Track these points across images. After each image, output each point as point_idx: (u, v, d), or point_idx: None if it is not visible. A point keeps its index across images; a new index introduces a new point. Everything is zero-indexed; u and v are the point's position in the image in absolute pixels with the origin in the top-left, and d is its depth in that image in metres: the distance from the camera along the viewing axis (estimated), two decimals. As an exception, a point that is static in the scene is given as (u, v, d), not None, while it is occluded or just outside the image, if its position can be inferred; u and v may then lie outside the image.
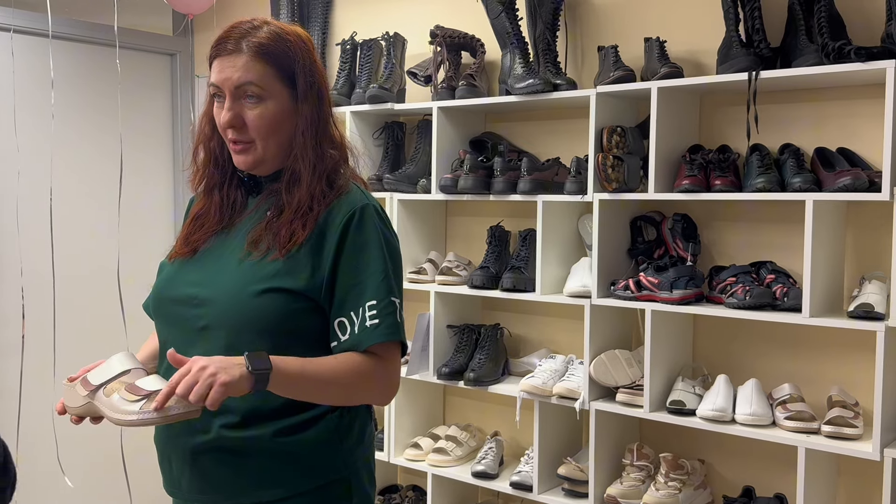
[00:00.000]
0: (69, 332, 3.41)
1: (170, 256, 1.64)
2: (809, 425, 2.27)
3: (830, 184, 2.21)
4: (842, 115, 2.40)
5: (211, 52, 1.54)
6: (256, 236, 1.53)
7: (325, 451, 1.52)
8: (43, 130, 3.41)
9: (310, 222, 1.50)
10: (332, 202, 1.53)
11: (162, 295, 1.60)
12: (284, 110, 1.53)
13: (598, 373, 2.56)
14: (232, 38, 1.51)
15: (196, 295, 1.53)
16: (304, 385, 1.43)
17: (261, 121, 1.51)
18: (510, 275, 2.76)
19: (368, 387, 1.51)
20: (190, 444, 1.51)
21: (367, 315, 1.48)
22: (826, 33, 2.22)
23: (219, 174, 1.62)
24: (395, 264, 1.55)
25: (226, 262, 1.54)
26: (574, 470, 2.67)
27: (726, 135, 2.58)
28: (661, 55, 2.53)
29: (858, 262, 2.39)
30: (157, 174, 4.01)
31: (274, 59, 1.51)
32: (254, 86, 1.49)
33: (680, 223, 2.58)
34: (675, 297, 2.42)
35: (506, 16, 2.76)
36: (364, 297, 1.48)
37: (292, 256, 1.49)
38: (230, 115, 1.51)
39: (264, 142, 1.53)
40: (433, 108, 2.92)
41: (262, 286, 1.48)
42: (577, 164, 2.62)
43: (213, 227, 1.60)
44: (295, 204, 1.52)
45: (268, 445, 1.48)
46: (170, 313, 1.57)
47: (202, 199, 1.65)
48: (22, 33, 3.38)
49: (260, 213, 1.58)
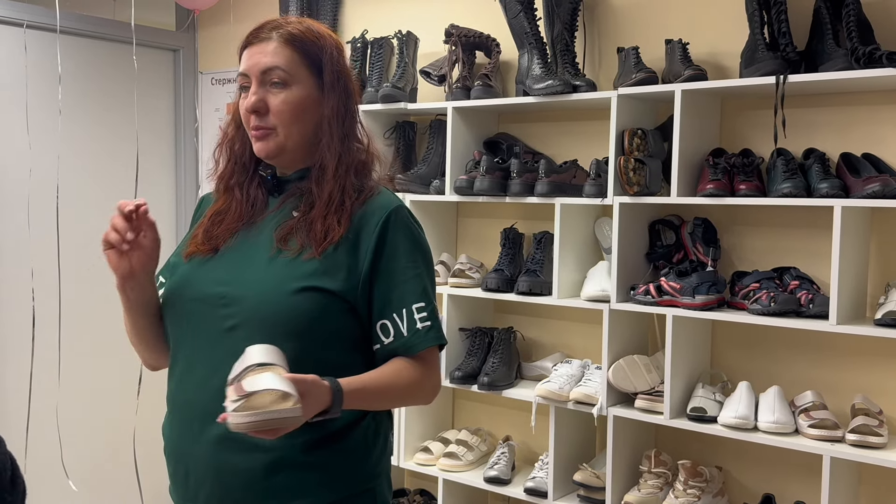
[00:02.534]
0: (74, 331, 3.35)
1: (185, 254, 1.57)
2: (833, 433, 2.24)
3: (858, 190, 2.18)
4: (867, 121, 2.38)
5: (242, 44, 1.54)
6: (285, 233, 1.50)
7: (353, 462, 1.50)
8: (50, 126, 3.35)
9: (344, 219, 1.49)
10: (367, 201, 1.52)
11: (182, 294, 1.54)
12: (309, 98, 1.52)
13: (617, 378, 2.53)
14: (265, 28, 1.53)
15: (224, 294, 1.47)
16: (364, 402, 1.45)
17: (285, 105, 1.49)
18: (526, 278, 2.72)
19: (419, 391, 1.53)
20: (214, 455, 1.45)
21: (417, 317, 1.49)
22: (855, 37, 2.19)
23: (240, 173, 1.59)
24: (431, 267, 1.57)
25: (254, 260, 1.50)
26: (590, 476, 2.64)
27: (748, 138, 2.55)
28: (684, 57, 2.50)
29: (882, 269, 2.37)
30: (159, 170, 3.95)
31: (301, 47, 1.52)
32: (280, 70, 1.49)
33: (700, 227, 2.55)
34: (697, 303, 2.39)
35: (524, 15, 2.73)
36: (408, 300, 1.49)
37: (328, 256, 1.47)
38: (254, 98, 1.49)
39: (287, 129, 1.50)
40: (448, 107, 2.87)
41: (299, 284, 1.44)
42: (597, 166, 2.59)
43: (233, 224, 1.56)
44: (326, 197, 1.50)
45: (298, 457, 1.44)
46: (191, 313, 1.51)
47: (222, 196, 1.61)
48: (33, 28, 3.32)
49: (285, 212, 1.55)
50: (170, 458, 1.56)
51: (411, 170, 3.06)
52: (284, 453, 1.44)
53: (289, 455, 1.44)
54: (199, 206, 1.72)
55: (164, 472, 1.57)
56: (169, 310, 1.56)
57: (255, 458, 1.44)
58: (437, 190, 2.92)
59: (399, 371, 1.48)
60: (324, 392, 1.33)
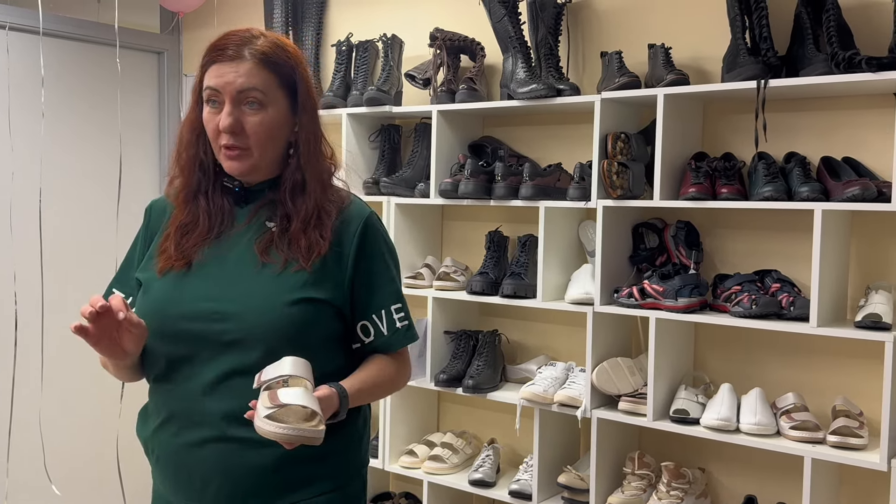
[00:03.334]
0: (57, 335, 3.33)
1: (159, 270, 1.56)
2: (815, 435, 2.26)
3: (838, 193, 2.20)
4: (847, 125, 2.40)
5: (207, 58, 1.53)
6: (265, 246, 1.54)
7: (351, 451, 1.60)
8: (34, 129, 3.34)
9: (326, 232, 1.54)
10: (342, 211, 1.58)
11: (167, 312, 1.52)
12: (283, 118, 1.55)
13: (601, 381, 2.54)
14: (231, 44, 1.52)
15: (217, 310, 1.50)
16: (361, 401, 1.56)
17: (261, 127, 1.51)
18: (510, 281, 2.73)
19: (398, 383, 1.66)
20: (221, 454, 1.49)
21: (396, 318, 1.60)
22: (835, 43, 2.22)
23: (204, 180, 1.59)
24: (399, 269, 1.68)
25: (238, 274, 1.53)
26: (574, 479, 2.65)
27: (730, 142, 2.57)
28: (667, 62, 2.51)
29: (862, 272, 2.39)
30: (143, 173, 3.94)
31: (276, 68, 1.53)
32: (257, 91, 1.50)
33: (683, 230, 2.57)
34: (680, 306, 2.40)
35: (508, 19, 2.74)
36: (387, 301, 1.60)
37: (317, 268, 1.53)
38: (231, 119, 1.49)
39: (261, 149, 1.53)
40: (432, 111, 2.88)
41: (294, 297, 1.50)
42: (581, 170, 2.60)
43: (203, 235, 1.56)
44: (303, 213, 1.54)
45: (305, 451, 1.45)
46: (181, 330, 1.51)
47: (183, 206, 1.59)
48: (15, 30, 3.30)
49: (258, 224, 1.57)
50: (167, 463, 1.55)
51: (396, 173, 3.07)
52: (288, 452, 1.45)
53: (297, 450, 1.46)
54: (148, 214, 1.69)
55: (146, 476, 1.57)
56: (158, 330, 1.53)
57: (265, 455, 1.48)
58: (422, 193, 2.93)
59: (383, 368, 1.60)
60: (334, 399, 1.44)
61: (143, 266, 1.62)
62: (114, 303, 1.42)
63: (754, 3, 2.36)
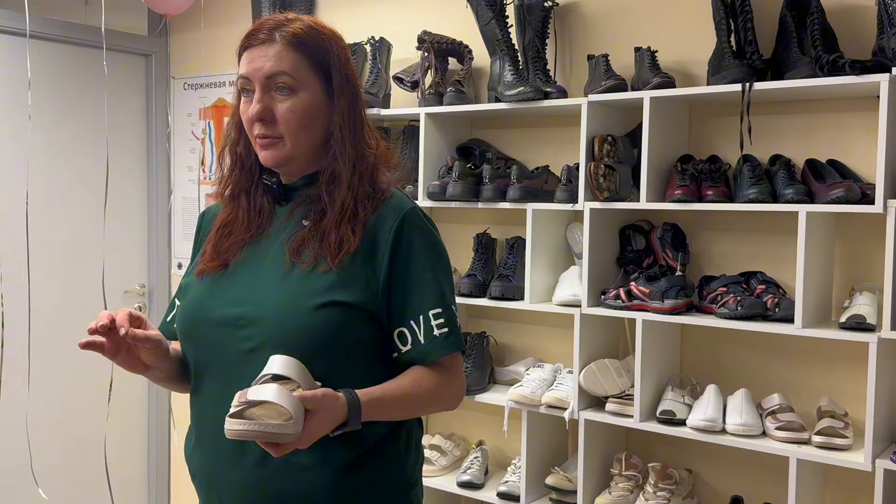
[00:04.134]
0: (43, 338, 3.32)
1: (197, 273, 1.52)
2: (800, 435, 2.28)
3: (823, 195, 2.22)
4: (831, 128, 2.42)
5: (241, 45, 1.47)
6: (298, 244, 1.44)
7: (390, 475, 1.47)
8: (21, 131, 3.33)
9: (359, 227, 1.43)
10: (380, 205, 1.45)
11: (198, 317, 1.47)
12: (317, 104, 1.45)
13: (588, 382, 2.55)
14: (264, 28, 1.45)
15: (241, 315, 1.42)
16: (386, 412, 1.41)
17: (292, 114, 1.42)
18: (498, 283, 2.74)
19: (441, 398, 1.49)
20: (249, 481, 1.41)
21: (434, 324, 1.43)
22: (819, 46, 2.24)
23: (245, 179, 1.53)
24: (448, 270, 1.51)
25: (268, 277, 1.44)
26: (562, 480, 2.66)
27: (715, 145, 2.59)
28: (653, 65, 2.53)
29: (847, 274, 2.41)
30: (130, 177, 3.93)
31: (308, 50, 1.43)
32: (286, 75, 1.41)
33: (669, 232, 2.59)
34: (666, 307, 2.41)
35: (496, 23, 2.75)
36: (425, 305, 1.43)
37: (345, 267, 1.41)
38: (259, 106, 1.42)
39: (294, 137, 1.44)
40: (420, 113, 2.89)
41: (319, 300, 1.39)
42: (568, 172, 2.61)
43: (241, 235, 1.50)
44: (338, 206, 1.43)
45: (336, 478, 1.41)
46: (209, 337, 1.45)
47: (227, 205, 1.55)
48: (2, 33, 3.30)
49: (294, 222, 1.49)
50: (200, 485, 1.51)
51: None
52: (322, 476, 1.40)
53: (327, 477, 1.40)
54: (200, 222, 1.66)
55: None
56: (187, 335, 1.50)
57: (293, 483, 1.40)
58: (411, 195, 2.93)
59: (419, 379, 1.44)
60: (339, 406, 1.31)
61: (188, 271, 1.59)
62: (118, 318, 1.37)
63: (739, 7, 2.38)
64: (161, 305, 3.95)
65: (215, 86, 3.77)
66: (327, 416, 1.29)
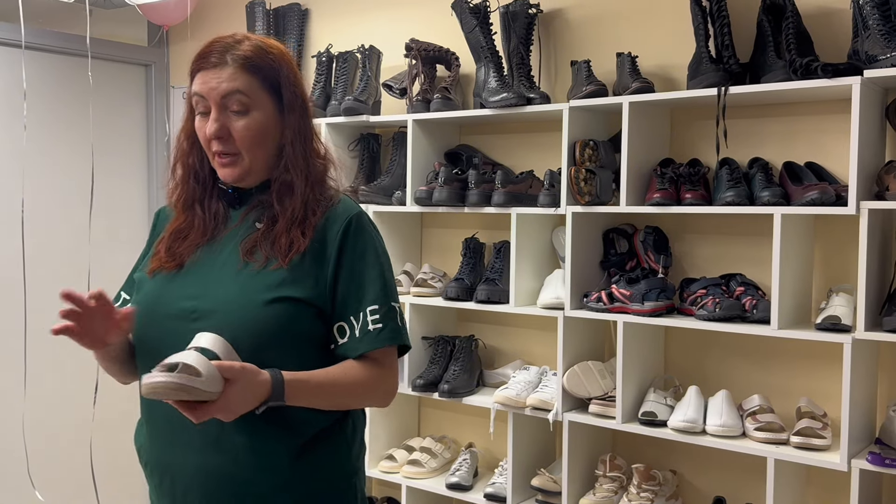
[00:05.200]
0: (40, 346, 3.38)
1: (150, 270, 1.59)
2: (779, 436, 2.29)
3: (798, 198, 2.24)
4: (810, 130, 2.44)
5: (193, 67, 1.54)
6: (250, 246, 1.53)
7: (336, 461, 1.56)
8: (16, 141, 3.39)
9: (308, 230, 1.52)
10: (328, 210, 1.55)
11: (153, 310, 1.54)
12: (270, 121, 1.53)
13: (572, 384, 2.58)
14: (215, 51, 1.52)
15: (196, 308, 1.49)
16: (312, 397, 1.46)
17: (247, 132, 1.51)
18: (484, 287, 2.77)
19: (370, 392, 1.54)
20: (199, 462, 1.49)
21: (370, 319, 1.51)
22: (794, 49, 2.26)
23: (199, 188, 1.61)
24: (390, 271, 1.58)
25: (221, 273, 1.52)
26: (547, 481, 2.68)
27: (697, 149, 2.61)
28: (633, 70, 2.56)
29: (826, 275, 2.43)
30: (131, 185, 4.00)
31: (259, 71, 1.52)
32: (241, 94, 1.49)
33: (651, 236, 2.61)
34: (646, 310, 2.44)
35: (480, 30, 2.79)
36: (364, 302, 1.51)
37: (295, 266, 1.50)
38: (216, 126, 1.50)
39: (251, 153, 1.52)
40: (408, 120, 2.93)
41: (269, 295, 1.47)
42: (551, 177, 2.64)
43: (197, 240, 1.58)
44: (289, 213, 1.52)
45: (284, 461, 1.48)
46: (163, 328, 1.51)
47: (181, 213, 1.62)
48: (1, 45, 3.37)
49: (248, 225, 1.57)
50: (153, 470, 1.57)
51: (375, 181, 3.11)
52: (270, 458, 1.48)
53: (275, 460, 1.48)
54: (156, 220, 1.73)
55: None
56: (143, 326, 1.55)
57: (242, 464, 1.47)
58: (400, 201, 2.97)
59: (347, 370, 1.50)
60: (260, 381, 1.37)
61: (140, 266, 1.65)
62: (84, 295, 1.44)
63: (717, 12, 2.41)
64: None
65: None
66: (247, 387, 1.34)
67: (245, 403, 1.36)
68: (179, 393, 1.27)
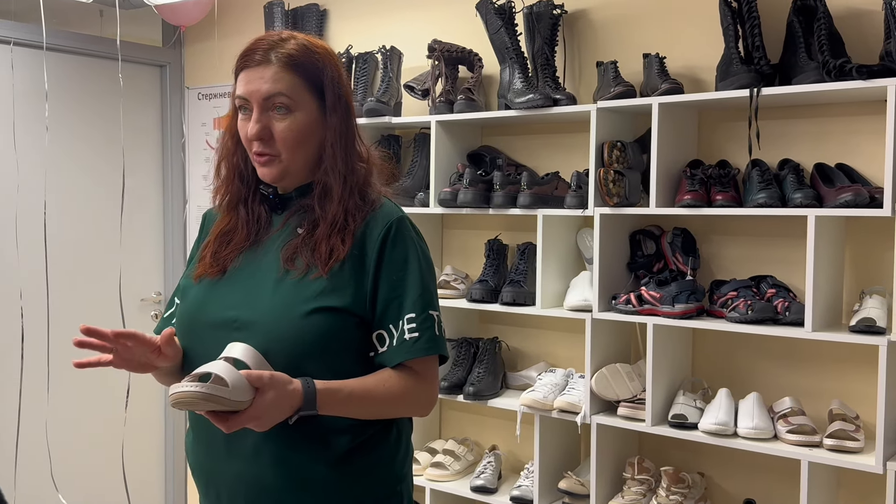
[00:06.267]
0: (62, 346, 3.37)
1: (195, 276, 1.58)
2: (811, 438, 2.28)
3: (832, 199, 2.23)
4: (839, 132, 2.43)
5: (237, 65, 1.53)
6: (291, 254, 1.51)
7: (380, 470, 1.54)
8: (38, 142, 3.38)
9: (348, 237, 1.50)
10: (368, 216, 1.52)
11: (196, 318, 1.54)
12: (312, 122, 1.51)
13: (600, 387, 2.57)
14: (259, 49, 1.50)
15: (237, 318, 1.48)
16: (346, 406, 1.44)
17: (289, 133, 1.49)
18: (510, 289, 2.76)
19: (408, 402, 1.52)
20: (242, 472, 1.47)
21: (406, 328, 1.48)
22: (827, 51, 2.25)
23: (244, 189, 1.60)
24: (431, 277, 1.55)
25: (262, 282, 1.51)
26: (575, 484, 2.67)
27: (724, 150, 2.60)
28: (661, 71, 2.55)
29: (857, 277, 2.42)
30: (146, 185, 3.98)
31: (303, 71, 1.49)
32: (283, 96, 1.48)
33: (679, 237, 2.60)
34: (677, 312, 2.43)
35: (505, 31, 2.77)
36: (403, 311, 1.49)
37: (335, 274, 1.48)
38: (258, 126, 1.49)
39: (291, 154, 1.51)
40: (431, 121, 2.92)
41: (310, 306, 1.45)
42: (578, 178, 2.63)
43: (240, 243, 1.57)
44: (330, 219, 1.50)
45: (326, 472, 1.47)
46: (206, 337, 1.51)
47: (225, 214, 1.62)
48: (20, 45, 3.35)
49: (289, 230, 1.55)
50: (199, 478, 1.57)
51: (396, 183, 3.10)
52: (313, 468, 1.46)
53: (317, 469, 1.47)
54: (203, 221, 1.72)
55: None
56: (186, 334, 1.56)
57: (284, 474, 1.46)
58: (422, 202, 2.96)
59: (384, 380, 1.48)
60: (291, 391, 1.36)
61: (186, 272, 1.65)
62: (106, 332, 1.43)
63: (747, 13, 2.40)
64: (177, 313, 3.99)
65: (230, 95, 3.81)
66: (278, 397, 1.34)
67: (276, 413, 1.35)
68: (207, 404, 1.27)
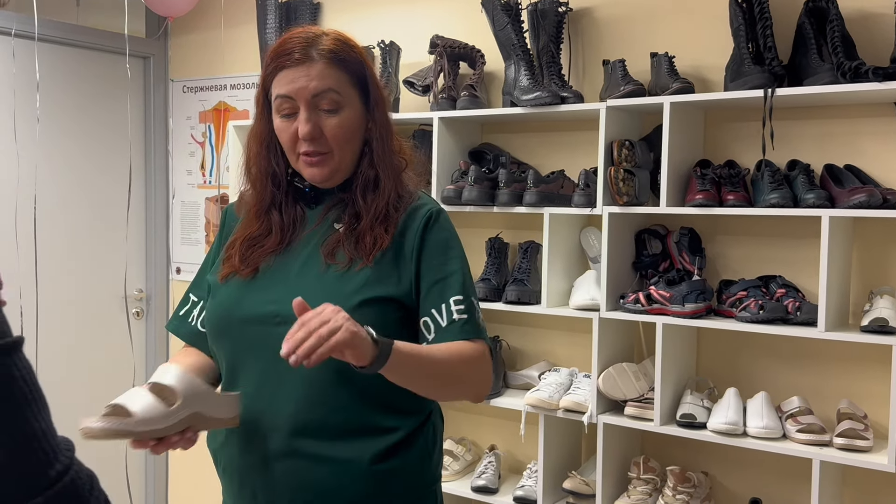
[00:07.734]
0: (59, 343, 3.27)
1: (221, 276, 1.53)
2: (821, 438, 2.30)
3: (844, 200, 2.25)
4: (848, 133, 2.45)
5: (272, 64, 1.47)
6: (332, 248, 1.49)
7: (418, 468, 1.52)
8: (30, 134, 3.29)
9: (391, 227, 1.49)
10: (408, 206, 1.52)
11: (231, 315, 1.49)
12: (360, 117, 1.50)
13: (607, 386, 2.56)
14: (297, 47, 1.45)
15: (278, 312, 1.44)
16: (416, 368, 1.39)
17: (339, 129, 1.47)
18: (514, 287, 2.74)
19: (466, 377, 1.46)
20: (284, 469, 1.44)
21: (454, 309, 1.46)
22: (840, 52, 2.26)
23: (278, 193, 1.55)
24: (468, 267, 1.55)
25: (304, 277, 1.47)
26: (579, 484, 2.66)
27: (731, 150, 2.61)
28: (671, 70, 2.54)
29: (864, 277, 2.44)
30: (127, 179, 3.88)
31: (346, 66, 1.47)
32: (333, 92, 1.45)
33: (686, 237, 2.60)
34: (687, 311, 2.43)
35: (511, 27, 2.75)
36: (448, 293, 1.47)
37: (379, 262, 1.47)
38: (310, 126, 1.45)
39: (342, 151, 1.49)
40: (433, 118, 2.88)
41: (358, 298, 1.43)
42: (586, 177, 2.62)
43: (272, 248, 1.52)
44: (373, 211, 1.49)
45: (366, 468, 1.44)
46: (244, 334, 1.47)
47: (255, 219, 1.56)
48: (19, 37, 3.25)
49: (326, 226, 1.53)
50: (233, 476, 1.52)
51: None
52: (354, 465, 1.44)
53: (358, 466, 1.44)
54: (224, 217, 1.67)
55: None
56: (219, 333, 1.52)
57: (325, 471, 1.43)
58: (422, 200, 2.92)
59: (451, 346, 1.43)
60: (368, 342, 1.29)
61: (213, 269, 1.60)
62: None
63: (759, 14, 2.40)
64: (159, 310, 3.90)
65: (216, 89, 3.73)
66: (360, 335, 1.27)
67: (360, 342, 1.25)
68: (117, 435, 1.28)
